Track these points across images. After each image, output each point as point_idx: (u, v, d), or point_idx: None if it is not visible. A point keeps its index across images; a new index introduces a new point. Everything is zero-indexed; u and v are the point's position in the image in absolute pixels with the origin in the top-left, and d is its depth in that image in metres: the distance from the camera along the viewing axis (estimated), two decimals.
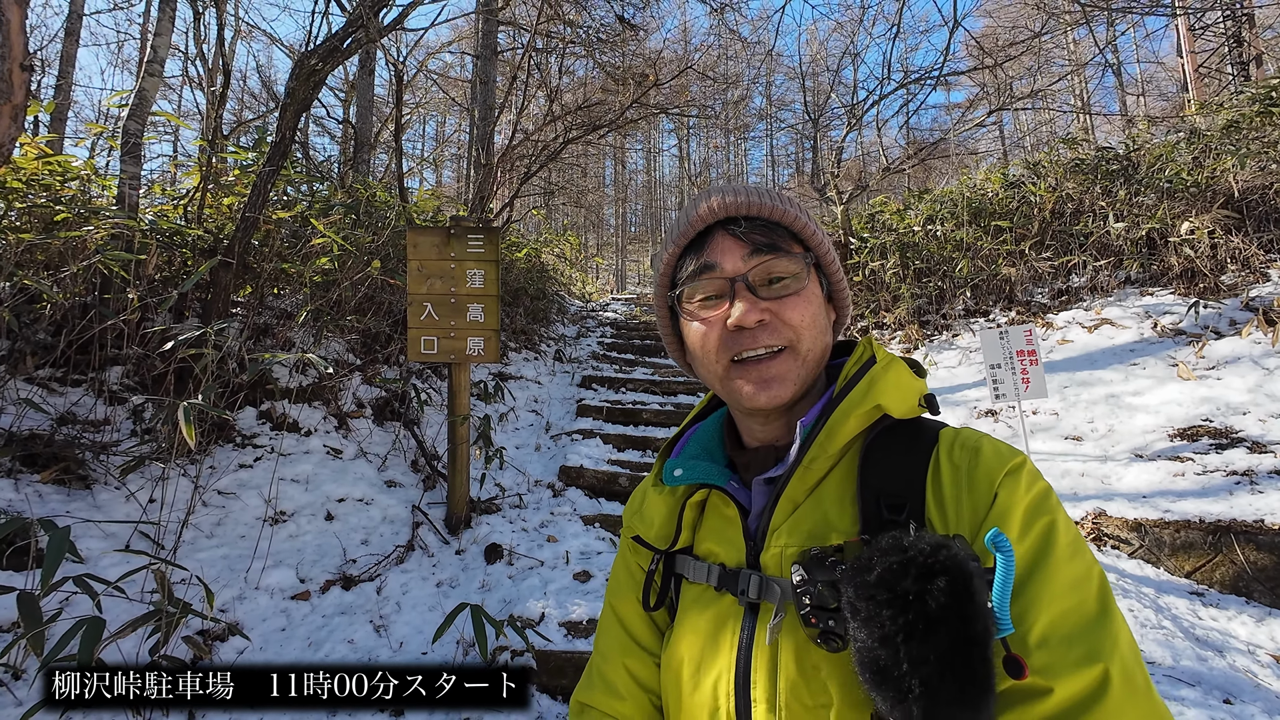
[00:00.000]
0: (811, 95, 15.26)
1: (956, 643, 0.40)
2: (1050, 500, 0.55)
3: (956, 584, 0.42)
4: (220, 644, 2.41)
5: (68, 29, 8.46)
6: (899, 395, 0.63)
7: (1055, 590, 0.49)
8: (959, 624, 0.40)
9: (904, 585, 0.43)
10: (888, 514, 0.57)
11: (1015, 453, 0.59)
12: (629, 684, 0.75)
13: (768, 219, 0.68)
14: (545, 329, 7.53)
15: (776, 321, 0.65)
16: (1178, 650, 2.59)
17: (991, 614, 0.44)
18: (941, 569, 0.42)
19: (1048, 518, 0.53)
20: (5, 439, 2.65)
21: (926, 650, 0.41)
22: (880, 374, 0.63)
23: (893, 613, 0.42)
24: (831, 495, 0.62)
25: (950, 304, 6.72)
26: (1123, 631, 0.49)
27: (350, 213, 4.69)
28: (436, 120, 22.94)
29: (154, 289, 3.33)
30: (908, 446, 0.61)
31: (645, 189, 29.21)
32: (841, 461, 0.64)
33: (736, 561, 0.65)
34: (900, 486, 0.58)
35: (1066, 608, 0.48)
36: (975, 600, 0.42)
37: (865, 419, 0.62)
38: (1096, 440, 4.21)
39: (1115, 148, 6.88)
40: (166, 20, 3.67)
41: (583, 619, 2.74)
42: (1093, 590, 0.50)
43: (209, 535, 2.87)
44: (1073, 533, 0.54)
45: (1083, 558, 0.52)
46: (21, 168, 3.44)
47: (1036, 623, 0.48)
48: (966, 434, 0.62)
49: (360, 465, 3.69)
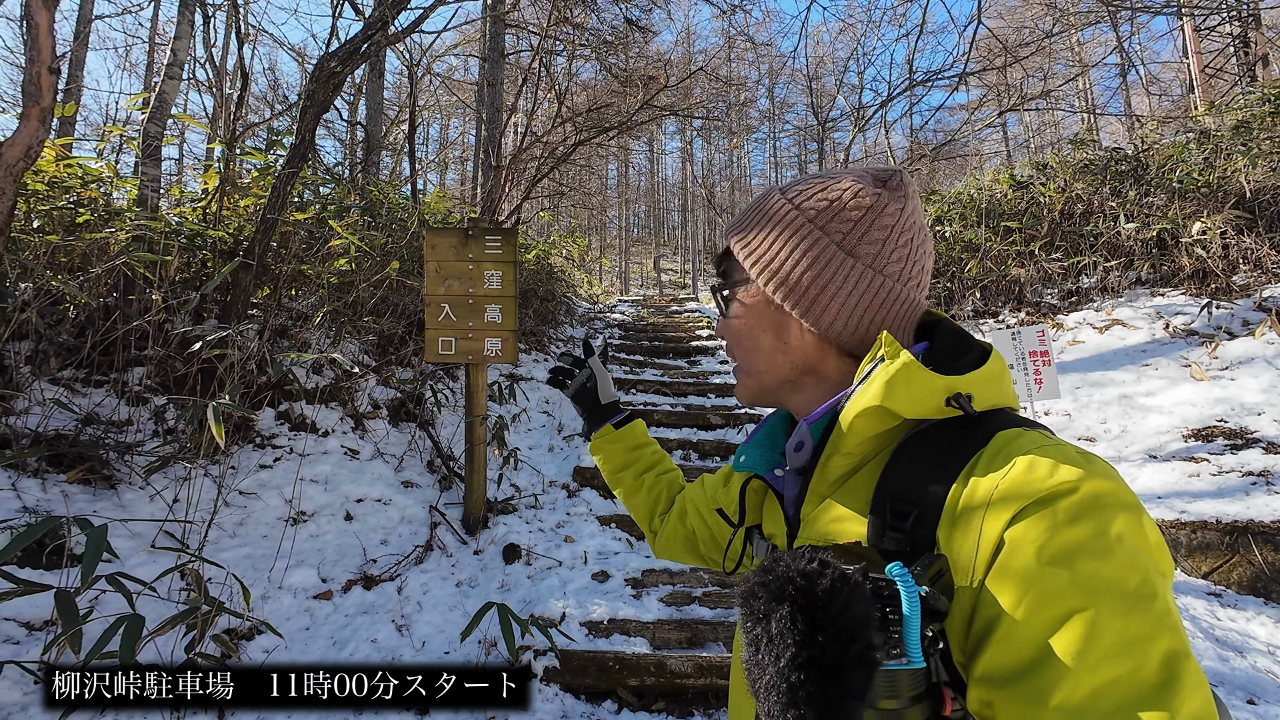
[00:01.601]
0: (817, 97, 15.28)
1: (792, 664, 0.41)
2: (1104, 538, 0.46)
3: (800, 613, 0.41)
4: (247, 643, 2.43)
5: (77, 33, 8.53)
6: (907, 395, 0.58)
7: (1097, 656, 0.42)
8: (796, 649, 0.41)
9: (757, 605, 0.43)
10: (892, 519, 0.55)
11: (1073, 471, 0.48)
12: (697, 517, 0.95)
13: (724, 250, 0.75)
14: (554, 330, 7.55)
15: (728, 343, 0.75)
16: (1198, 651, 2.59)
17: (892, 640, 0.43)
18: (789, 597, 0.42)
19: (1092, 560, 0.45)
20: (32, 439, 2.67)
21: (768, 662, 0.42)
22: (884, 372, 0.59)
23: (749, 625, 0.43)
24: (856, 492, 0.61)
25: (959, 305, 6.73)
26: (1188, 707, 0.40)
27: (365, 214, 4.71)
28: (440, 123, 23.02)
29: (175, 291, 3.36)
30: (946, 449, 0.56)
31: (649, 191, 29.24)
32: (876, 457, 0.62)
33: (783, 544, 0.70)
34: (915, 492, 0.55)
35: (1114, 676, 0.41)
36: (822, 630, 0.41)
37: (872, 419, 0.59)
38: (1110, 441, 4.21)
39: (1124, 148, 6.89)
40: (185, 24, 3.70)
41: (603, 619, 2.75)
42: (1156, 654, 0.42)
43: (232, 535, 2.89)
44: (1136, 579, 0.44)
45: (1145, 614, 0.43)
46: (42, 170, 3.47)
47: (1066, 692, 0.42)
48: (1024, 440, 0.53)
49: (377, 466, 3.71)
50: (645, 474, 1.10)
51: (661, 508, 1.06)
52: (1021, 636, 0.45)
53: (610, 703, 2.42)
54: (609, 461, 1.12)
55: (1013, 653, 0.45)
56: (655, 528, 1.06)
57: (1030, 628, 0.45)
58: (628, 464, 1.11)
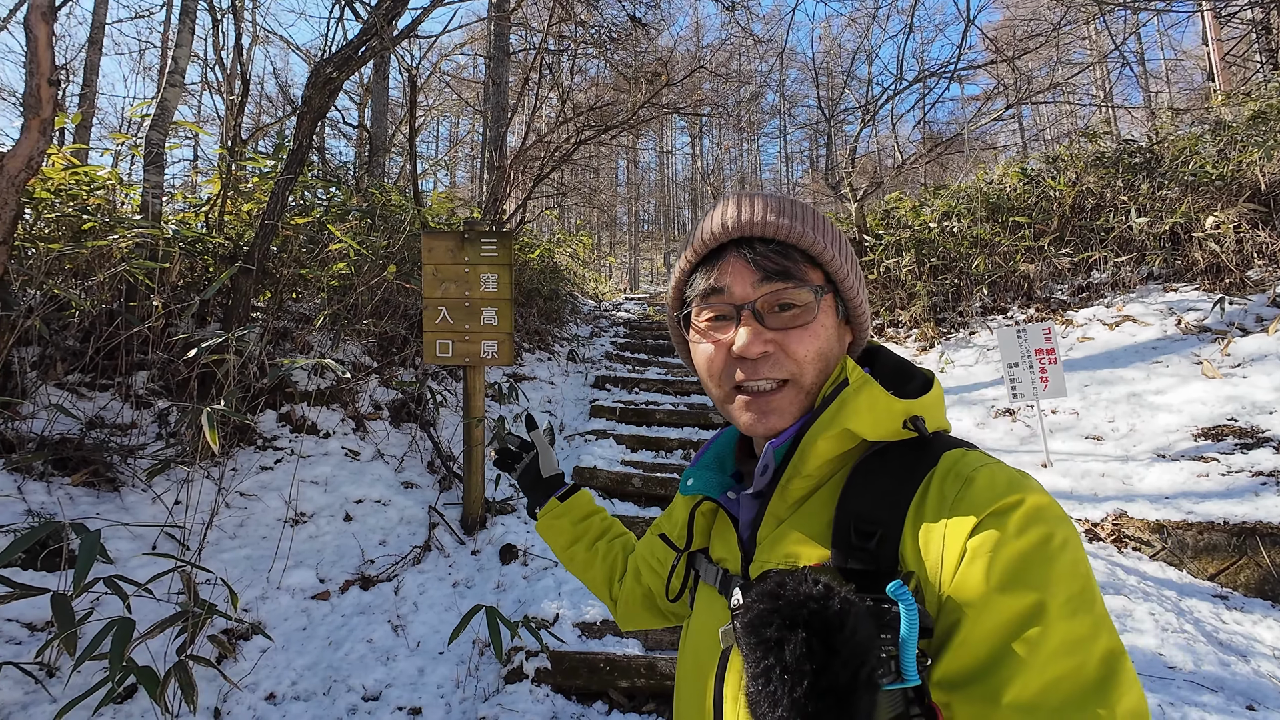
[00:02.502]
0: (826, 91, 15.14)
1: (810, 693, 0.40)
2: (1047, 548, 0.49)
3: (816, 637, 0.42)
4: (244, 643, 2.48)
5: (91, 38, 8.66)
6: (870, 418, 0.60)
7: (1045, 655, 0.45)
8: (813, 675, 0.41)
9: (767, 633, 0.43)
10: (856, 540, 0.55)
11: (1016, 487, 0.52)
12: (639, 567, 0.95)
13: (784, 241, 0.65)
14: (558, 329, 7.57)
15: (780, 354, 0.64)
16: (1199, 655, 2.55)
17: (885, 661, 0.44)
18: (804, 622, 0.42)
19: (1040, 568, 0.48)
20: (38, 443, 2.73)
21: (782, 694, 0.41)
22: (850, 396, 0.61)
23: (758, 655, 0.43)
24: (815, 515, 0.62)
25: (967, 301, 6.64)
26: (1125, 702, 0.44)
27: (366, 217, 4.75)
28: (450, 122, 23.12)
29: (177, 295, 3.41)
30: (900, 470, 0.58)
31: (658, 187, 29.18)
32: (832, 480, 0.63)
33: (735, 568, 0.67)
34: (879, 513, 0.56)
35: (1060, 673, 0.44)
36: (838, 654, 0.41)
37: (836, 441, 0.61)
38: (1117, 440, 4.14)
39: (1138, 140, 6.75)
40: (186, 31, 3.75)
41: (596, 620, 2.76)
42: (1096, 653, 0.45)
43: (232, 536, 2.94)
44: (1078, 585, 0.48)
45: (1087, 615, 0.47)
46: (49, 178, 3.54)
47: (1018, 689, 0.45)
48: (970, 460, 0.56)
49: (378, 467, 3.75)
50: (598, 542, 1.05)
51: (619, 572, 1.02)
52: (977, 640, 0.47)
53: (601, 704, 2.43)
54: (559, 537, 1.07)
55: (968, 656, 0.47)
56: (615, 595, 1.01)
57: (985, 631, 0.47)
58: (578, 537, 1.06)
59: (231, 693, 2.26)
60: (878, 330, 7.37)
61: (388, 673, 2.51)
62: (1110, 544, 3.43)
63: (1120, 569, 3.20)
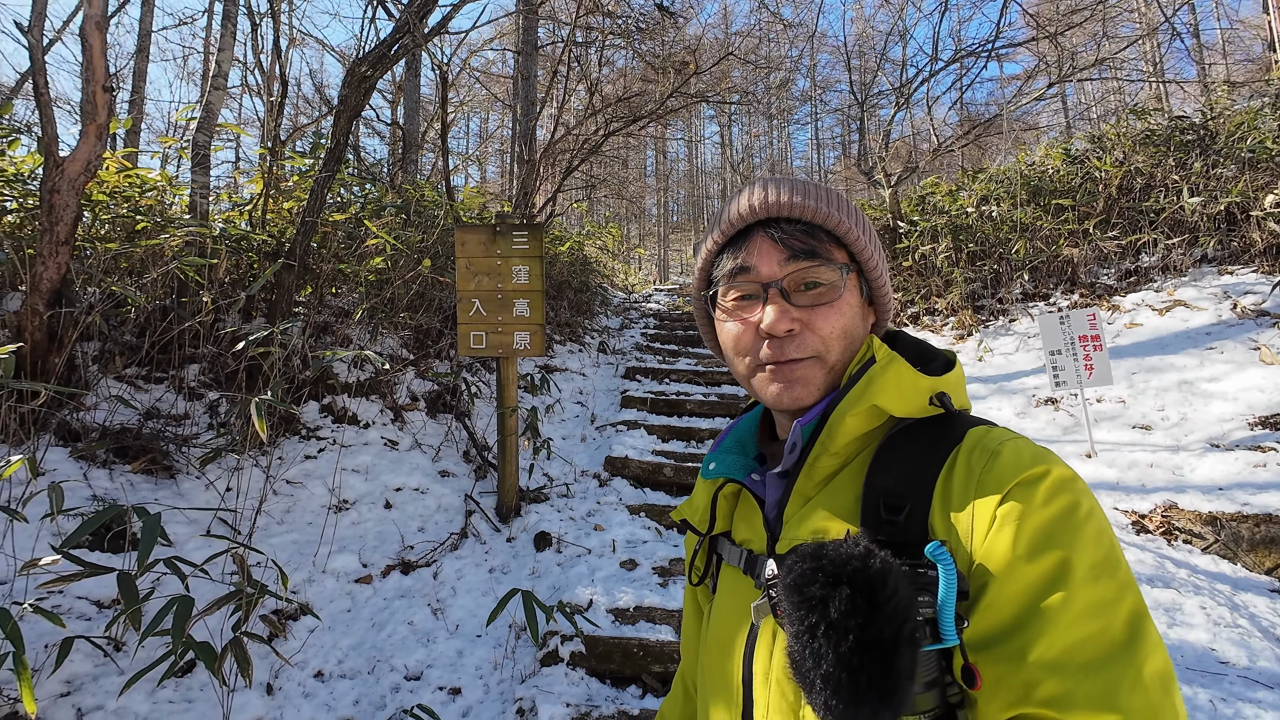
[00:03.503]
0: (858, 75, 14.79)
1: (856, 646, 0.41)
2: (1074, 517, 0.51)
3: (859, 594, 0.42)
4: (293, 623, 2.59)
5: (139, 46, 9.00)
6: (898, 394, 0.61)
7: (1070, 616, 0.46)
8: (858, 630, 0.42)
9: (811, 590, 0.44)
10: (886, 514, 0.56)
11: (1041, 460, 0.54)
12: None
13: (810, 221, 0.67)
14: (589, 321, 7.62)
15: (806, 331, 0.65)
16: (1254, 650, 2.45)
17: (925, 624, 0.45)
18: (848, 579, 0.43)
19: (1066, 535, 0.50)
20: (100, 433, 2.89)
21: (827, 650, 0.42)
22: (878, 373, 0.62)
23: (802, 614, 0.44)
24: (842, 492, 0.62)
25: (1007, 287, 6.45)
26: (1151, 662, 0.45)
27: (401, 213, 4.86)
28: (480, 117, 23.35)
29: (224, 291, 3.55)
30: (926, 445, 0.59)
31: (687, 178, 28.98)
32: (858, 458, 0.64)
33: (760, 548, 0.68)
34: (906, 487, 0.57)
35: (1086, 634, 0.46)
36: (881, 610, 0.42)
37: (865, 418, 0.62)
38: (1167, 429, 3.99)
39: (1190, 116, 6.43)
40: (228, 36, 3.88)
41: (629, 606, 2.79)
42: (1121, 615, 0.47)
43: (279, 521, 3.07)
44: (1102, 551, 0.50)
45: (1111, 580, 0.48)
46: (104, 181, 3.72)
47: (1044, 648, 0.46)
48: (996, 435, 0.58)
49: (415, 456, 3.85)
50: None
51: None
52: (1004, 602, 0.49)
53: (635, 688, 2.47)
54: None
55: (995, 617, 0.49)
56: None
57: (1012, 594, 0.49)
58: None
59: (283, 669, 2.37)
60: (913, 319, 7.22)
61: (428, 654, 2.59)
62: (1159, 536, 3.31)
63: (1169, 562, 3.10)
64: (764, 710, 0.60)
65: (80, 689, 2.04)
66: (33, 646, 2.00)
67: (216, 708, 2.08)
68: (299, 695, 2.31)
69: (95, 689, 2.05)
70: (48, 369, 2.76)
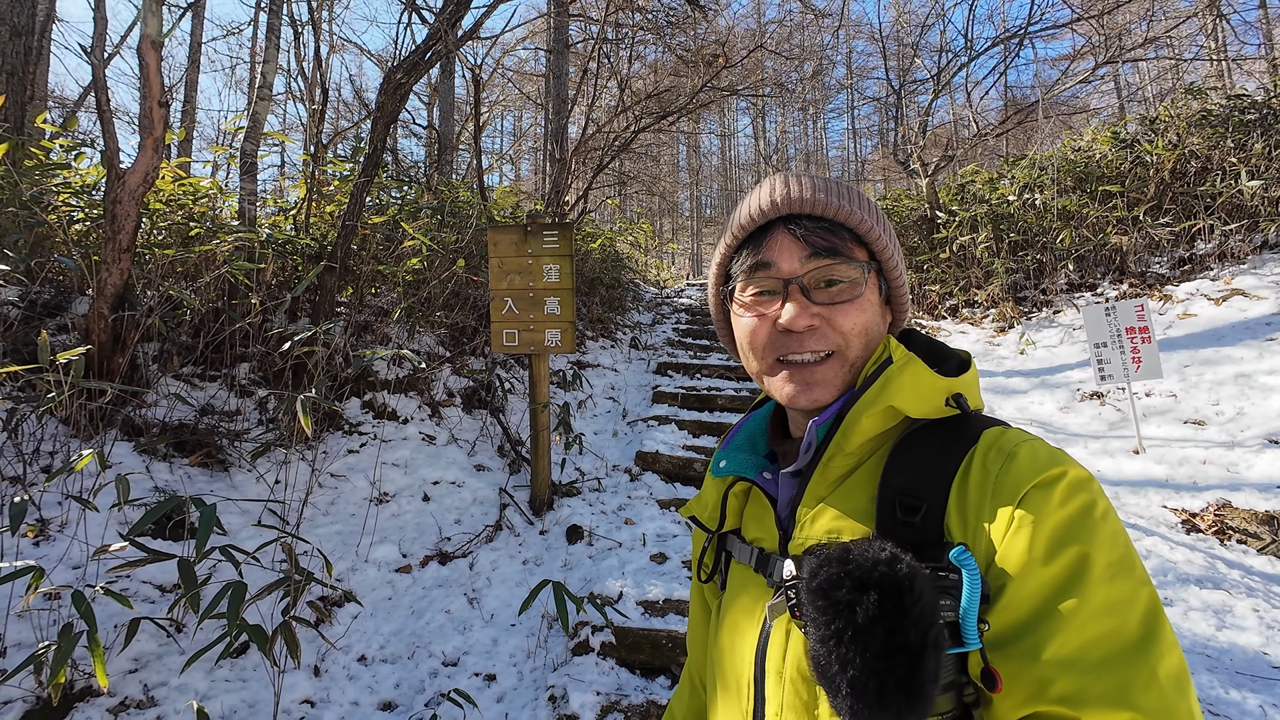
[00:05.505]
0: (896, 61, 14.42)
1: (883, 651, 0.42)
2: (1090, 517, 0.51)
3: (887, 599, 0.43)
4: (338, 609, 2.72)
5: (190, 58, 9.42)
6: (914, 395, 0.61)
7: (1085, 615, 0.46)
8: (885, 635, 0.42)
9: (838, 595, 0.45)
10: (901, 515, 0.56)
11: (1057, 461, 0.54)
12: None
13: (832, 219, 0.66)
14: (621, 317, 7.68)
15: (826, 327, 0.65)
16: None
17: (945, 627, 0.46)
18: (875, 583, 0.44)
19: (1083, 536, 0.50)
20: (160, 428, 3.07)
21: (854, 655, 0.43)
22: (895, 374, 0.62)
23: (828, 618, 0.45)
24: (856, 492, 0.62)
25: (1051, 278, 6.24)
26: (1166, 661, 0.45)
27: (436, 214, 4.99)
28: (513, 116, 23.63)
29: (271, 294, 3.72)
30: (942, 446, 0.59)
31: (720, 171, 28.76)
32: (872, 458, 0.64)
33: (772, 547, 0.68)
34: (921, 488, 0.57)
35: (1101, 632, 0.46)
36: (908, 615, 0.43)
37: (881, 419, 0.62)
38: (1222, 424, 3.82)
39: (1252, 94, 6.08)
40: (273, 48, 4.04)
41: (659, 599, 2.84)
42: (1136, 614, 0.47)
43: (324, 513, 3.21)
44: (1118, 551, 0.50)
45: (1126, 579, 0.48)
46: (160, 190, 3.93)
47: (1058, 645, 0.46)
48: (1011, 436, 0.58)
49: (452, 450, 3.97)
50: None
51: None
52: (1020, 602, 0.49)
53: (664, 679, 2.51)
54: None
55: (1010, 616, 0.49)
56: None
57: (1028, 593, 0.49)
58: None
59: (329, 653, 2.50)
60: (951, 311, 7.04)
61: (465, 641, 2.69)
62: (1211, 535, 3.18)
63: (1221, 562, 2.98)
64: (776, 708, 0.60)
65: (146, 666, 2.19)
66: (103, 626, 2.16)
67: (268, 687, 2.21)
68: (344, 677, 2.43)
69: (160, 666, 2.20)
70: (113, 369, 2.94)
